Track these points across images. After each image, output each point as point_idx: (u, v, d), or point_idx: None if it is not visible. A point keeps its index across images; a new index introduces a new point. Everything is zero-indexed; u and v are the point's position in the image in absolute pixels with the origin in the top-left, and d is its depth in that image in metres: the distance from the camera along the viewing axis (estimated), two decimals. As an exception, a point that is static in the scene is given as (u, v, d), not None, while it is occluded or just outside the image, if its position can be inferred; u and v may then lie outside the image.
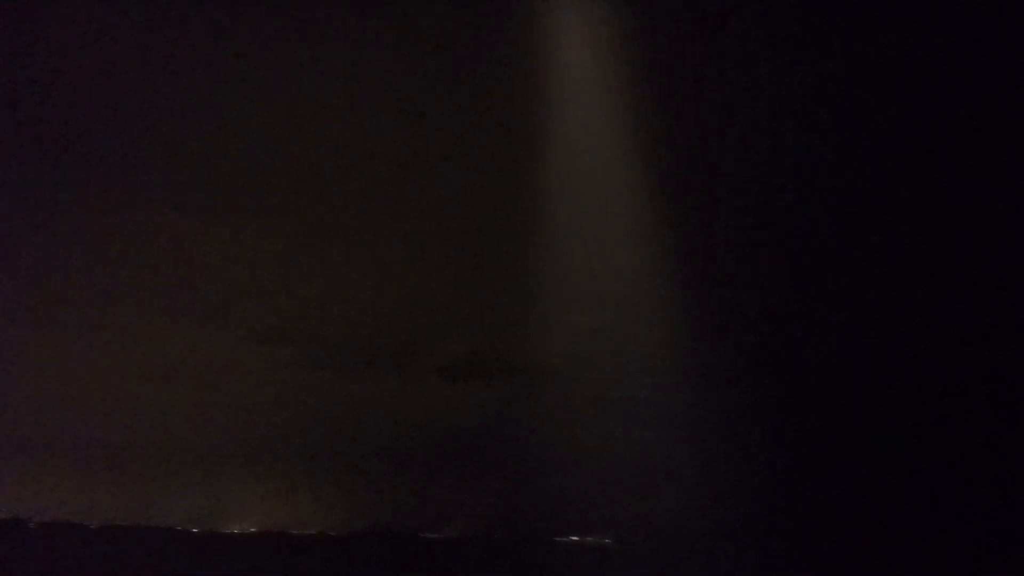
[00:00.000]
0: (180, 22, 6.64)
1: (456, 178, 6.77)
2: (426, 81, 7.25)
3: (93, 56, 6.92)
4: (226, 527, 16.73)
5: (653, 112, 6.88)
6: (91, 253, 6.30)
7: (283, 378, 6.22)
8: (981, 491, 6.19)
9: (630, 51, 6.89)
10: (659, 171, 6.92)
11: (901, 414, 6.48)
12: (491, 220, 6.75)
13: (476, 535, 15.78)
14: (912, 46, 6.78)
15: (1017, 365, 6.50)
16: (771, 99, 6.88)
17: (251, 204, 6.79)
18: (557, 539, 15.57)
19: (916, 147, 6.68)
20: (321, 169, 6.94)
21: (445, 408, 6.26)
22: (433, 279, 6.62)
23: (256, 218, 6.78)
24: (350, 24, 7.19)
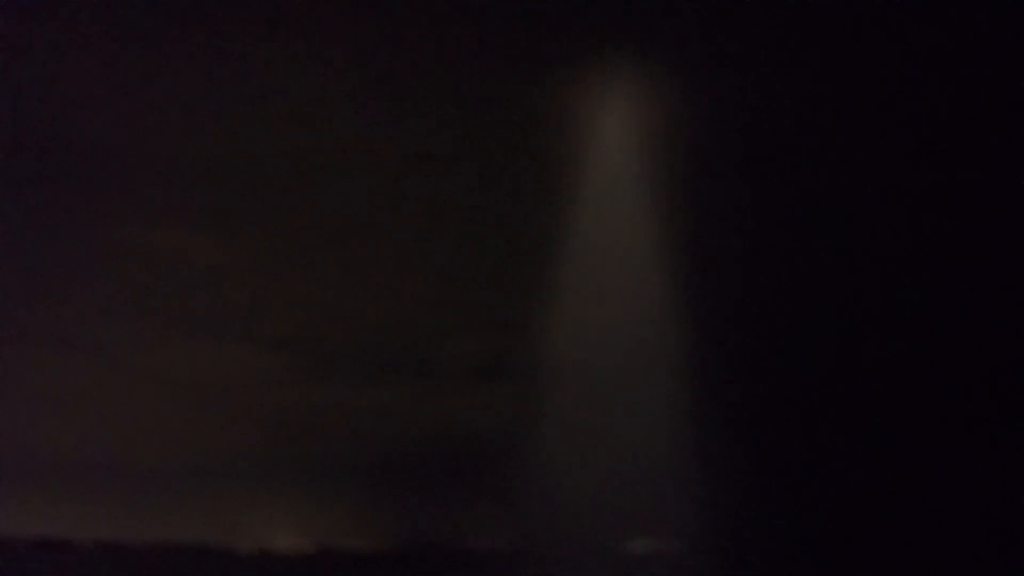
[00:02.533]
0: (181, 32, 6.32)
1: (471, 177, 6.44)
2: (431, 77, 6.86)
3: (96, 73, 6.66)
4: (240, 543, 16.43)
5: (670, 129, 6.49)
6: (96, 270, 6.03)
7: (297, 388, 5.93)
8: (982, 491, 5.79)
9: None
10: (676, 184, 6.49)
11: (903, 414, 6.10)
12: (507, 221, 6.43)
13: (505, 547, 15.26)
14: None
15: (1017, 365, 6.09)
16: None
17: (258, 214, 6.49)
18: (578, 548, 15.07)
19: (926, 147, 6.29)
20: (329, 172, 6.62)
21: (466, 411, 5.93)
22: (447, 281, 6.31)
23: (263, 227, 6.49)
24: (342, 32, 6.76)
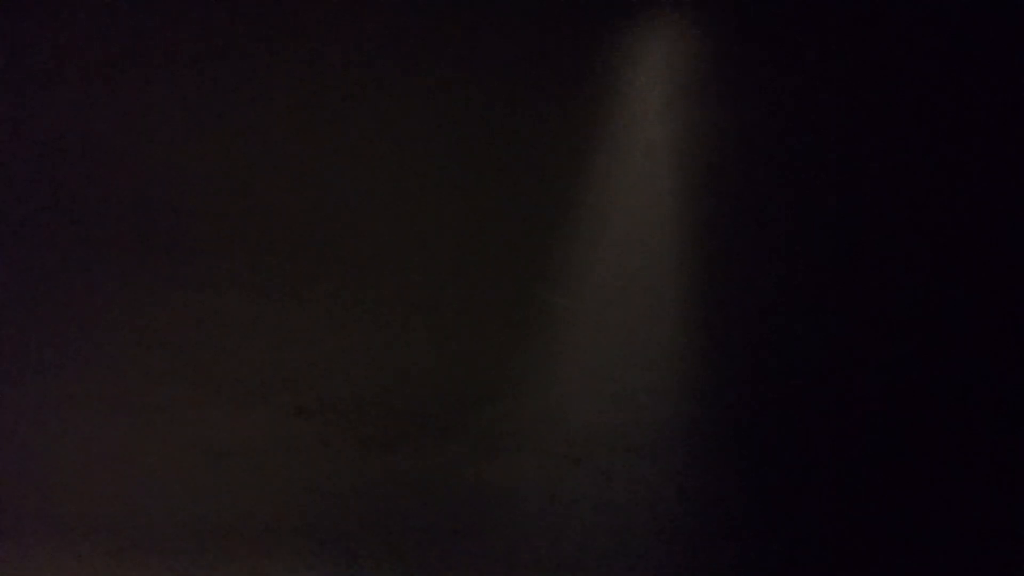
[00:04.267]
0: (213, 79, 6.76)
1: (504, 240, 6.70)
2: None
3: (144, 136, 7.12)
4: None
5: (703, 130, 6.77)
6: (130, 333, 6.43)
7: (329, 453, 6.16)
8: (982, 492, 6.03)
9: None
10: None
11: (905, 414, 6.32)
12: (539, 278, 6.70)
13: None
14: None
15: (1018, 365, 6.37)
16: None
17: (292, 278, 6.82)
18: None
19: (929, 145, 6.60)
20: (361, 240, 6.93)
21: (500, 479, 6.14)
22: (478, 346, 6.58)
23: (297, 291, 6.81)
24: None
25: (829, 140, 7.03)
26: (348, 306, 7.23)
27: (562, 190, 7.24)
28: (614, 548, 7.23)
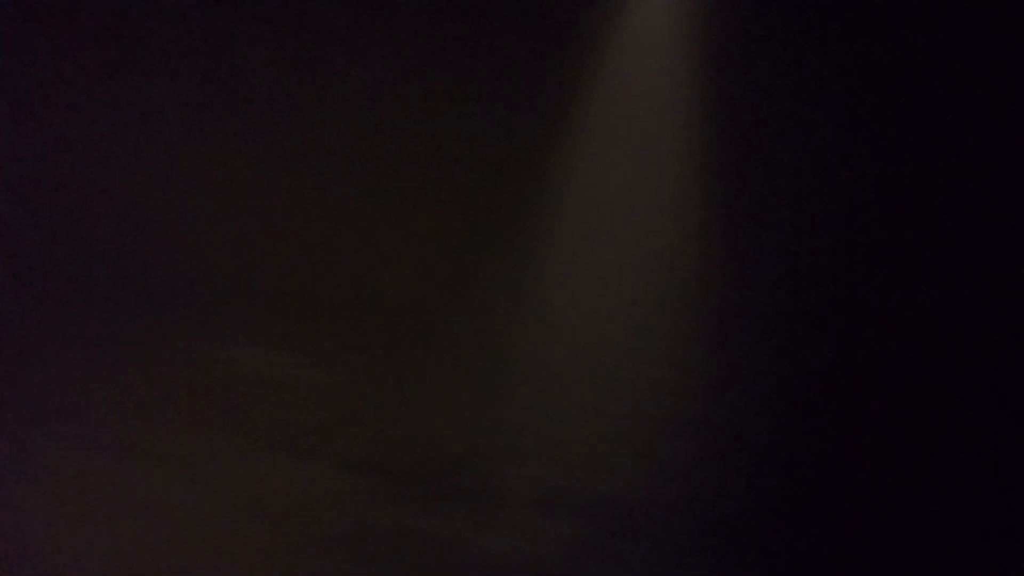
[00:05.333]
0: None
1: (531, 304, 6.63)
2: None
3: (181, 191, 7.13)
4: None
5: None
6: (179, 387, 6.51)
7: (373, 511, 6.16)
8: (983, 492, 5.97)
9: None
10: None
11: (907, 415, 6.24)
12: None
13: None
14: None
15: (1018, 365, 6.29)
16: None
17: (340, 335, 6.87)
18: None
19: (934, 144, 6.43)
20: (411, 303, 6.92)
21: (538, 544, 6.08)
22: (525, 409, 6.55)
23: (345, 349, 6.88)
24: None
25: (824, 143, 7.01)
26: (401, 366, 7.25)
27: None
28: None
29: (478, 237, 7.96)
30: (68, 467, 6.88)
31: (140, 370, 7.64)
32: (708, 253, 7.53)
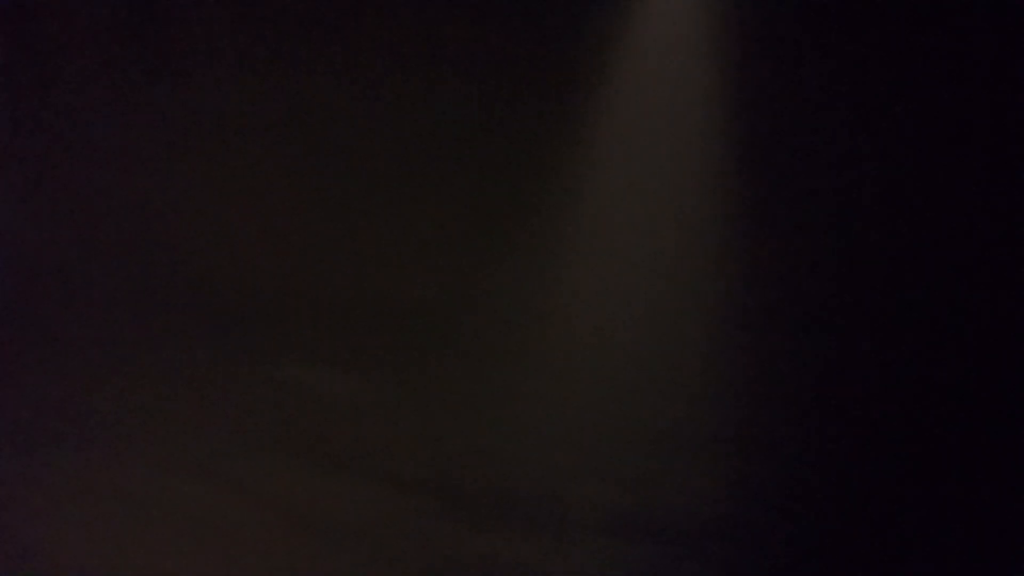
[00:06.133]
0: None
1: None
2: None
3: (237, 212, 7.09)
4: None
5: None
6: (229, 407, 6.50)
7: (424, 530, 6.10)
8: (984, 492, 6.00)
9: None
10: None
11: (909, 415, 6.25)
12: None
13: None
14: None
15: (1018, 365, 6.32)
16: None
17: (388, 353, 6.85)
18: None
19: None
20: (459, 318, 6.87)
21: (600, 570, 6.01)
22: (578, 432, 6.51)
23: (393, 367, 6.85)
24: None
25: (828, 147, 7.00)
26: (451, 383, 7.22)
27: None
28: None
29: (514, 247, 7.90)
30: (121, 484, 6.90)
31: (192, 389, 7.64)
32: (728, 255, 7.47)
